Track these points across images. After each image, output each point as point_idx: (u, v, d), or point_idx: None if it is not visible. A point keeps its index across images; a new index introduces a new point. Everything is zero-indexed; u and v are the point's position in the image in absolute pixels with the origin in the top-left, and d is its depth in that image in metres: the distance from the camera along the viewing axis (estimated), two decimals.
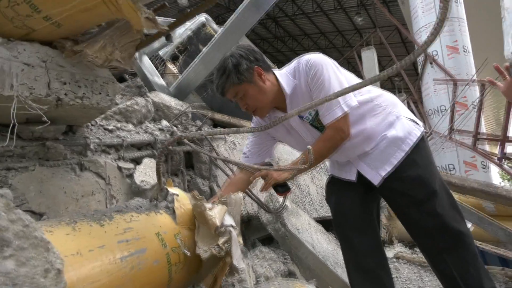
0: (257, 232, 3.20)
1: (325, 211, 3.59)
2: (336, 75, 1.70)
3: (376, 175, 1.77)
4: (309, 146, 1.44)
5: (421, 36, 7.79)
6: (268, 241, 3.10)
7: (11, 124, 1.15)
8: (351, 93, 1.72)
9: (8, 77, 1.29)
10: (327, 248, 2.40)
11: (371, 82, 1.00)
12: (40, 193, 1.53)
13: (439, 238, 1.71)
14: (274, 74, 1.77)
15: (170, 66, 3.66)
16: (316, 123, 1.78)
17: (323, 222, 3.04)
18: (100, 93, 1.53)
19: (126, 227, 1.29)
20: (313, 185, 3.56)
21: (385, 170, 1.75)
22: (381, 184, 1.77)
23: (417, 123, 1.84)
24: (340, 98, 1.66)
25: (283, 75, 1.76)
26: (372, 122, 1.79)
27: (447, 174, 3.09)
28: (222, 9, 15.93)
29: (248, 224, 2.99)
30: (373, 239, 1.90)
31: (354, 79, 1.85)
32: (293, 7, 17.65)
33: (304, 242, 2.29)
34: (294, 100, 1.75)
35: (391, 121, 1.80)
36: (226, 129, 1.13)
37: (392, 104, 1.86)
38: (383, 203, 4.10)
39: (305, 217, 2.63)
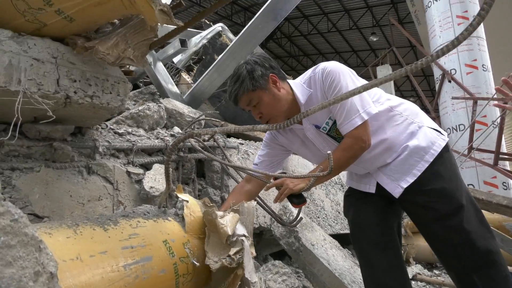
0: (269, 247, 3.08)
1: (340, 227, 3.45)
2: (354, 82, 1.63)
3: (396, 187, 1.66)
4: (329, 152, 1.35)
5: None
6: (280, 257, 2.97)
7: (15, 119, 1.09)
8: (371, 101, 1.64)
9: (16, 71, 1.25)
10: (343, 265, 2.27)
11: (381, 82, 0.92)
12: (45, 195, 1.46)
13: (467, 256, 1.58)
14: (289, 84, 1.71)
15: (185, 76, 3.63)
16: (334, 133, 1.70)
17: (338, 238, 2.90)
18: (110, 93, 1.47)
19: (132, 232, 1.21)
20: (327, 200, 3.43)
21: (407, 181, 1.64)
22: (403, 197, 1.66)
23: (441, 133, 1.74)
24: (359, 107, 1.58)
25: (298, 84, 1.70)
26: (392, 132, 1.70)
27: (473, 189, 2.94)
28: (238, 27, 16.13)
29: (259, 238, 2.87)
30: (394, 255, 1.77)
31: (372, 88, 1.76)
32: (308, 25, 17.79)
33: (319, 258, 2.16)
34: None
35: (413, 130, 1.70)
36: (241, 126, 1.05)
37: (414, 114, 1.76)
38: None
39: (320, 232, 2.50)
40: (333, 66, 1.63)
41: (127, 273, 1.07)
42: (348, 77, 1.61)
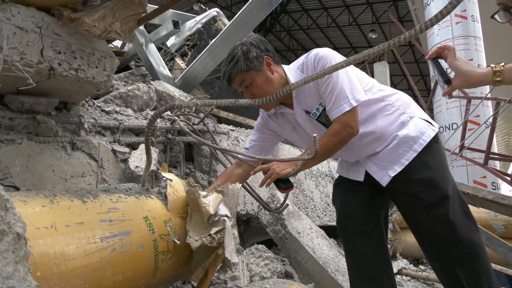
0: (257, 235, 3.07)
1: (329, 219, 3.46)
2: (345, 70, 1.62)
3: (384, 176, 1.66)
4: (315, 135, 1.34)
5: None
6: (268, 246, 2.97)
7: None
8: (361, 89, 1.64)
9: None
10: (328, 254, 2.27)
11: (364, 57, 0.89)
12: (26, 168, 1.44)
13: (450, 247, 1.58)
14: (283, 68, 1.71)
15: (179, 61, 3.60)
16: (323, 119, 1.69)
17: (327, 230, 2.90)
18: (96, 67, 1.44)
19: (111, 207, 1.19)
20: (317, 191, 3.44)
21: (395, 170, 1.64)
22: (390, 186, 1.66)
23: (432, 124, 1.74)
24: (348, 93, 1.58)
25: (291, 69, 1.71)
26: (383, 121, 1.70)
27: (460, 183, 2.94)
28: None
29: (247, 226, 2.87)
30: (379, 245, 1.77)
31: (365, 76, 1.76)
32: (307, 20, 17.70)
33: (305, 246, 2.16)
34: (300, 95, 1.67)
35: (404, 121, 1.70)
36: (223, 100, 1.03)
37: (406, 104, 1.76)
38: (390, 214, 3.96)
39: (307, 221, 2.50)
40: (325, 52, 1.63)
41: (103, 246, 1.06)
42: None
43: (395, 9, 15.56)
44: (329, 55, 1.61)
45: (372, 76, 11.28)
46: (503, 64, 1.19)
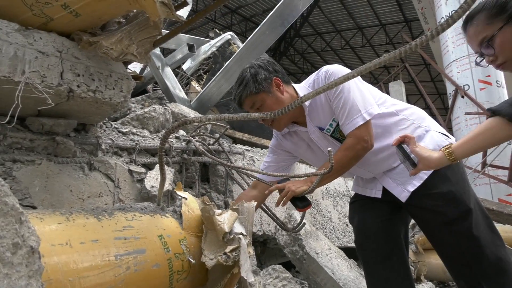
0: (274, 257, 3.02)
1: (348, 240, 3.37)
2: (357, 85, 1.63)
3: (403, 191, 1.63)
4: (329, 149, 1.33)
5: (451, 71, 7.61)
6: (286, 269, 2.91)
7: (14, 105, 1.10)
8: (374, 103, 1.63)
9: (21, 63, 1.27)
10: (348, 275, 2.20)
11: (375, 65, 0.88)
12: (45, 188, 1.46)
13: (476, 264, 1.52)
14: (293, 87, 1.73)
15: (195, 84, 3.67)
16: (337, 135, 1.69)
17: (345, 251, 2.83)
18: (113, 88, 1.48)
19: (126, 225, 1.19)
20: (335, 211, 3.37)
21: (413, 185, 1.60)
22: (409, 202, 1.62)
23: (448, 137, 1.71)
24: (361, 107, 1.58)
25: (303, 88, 1.73)
26: (398, 135, 1.67)
27: (483, 199, 2.84)
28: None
29: (264, 247, 2.82)
30: (400, 264, 1.71)
31: (377, 92, 1.76)
32: (321, 43, 17.92)
33: (324, 266, 2.10)
34: (313, 112, 1.68)
35: (420, 134, 1.68)
36: (234, 114, 1.04)
37: (421, 118, 1.74)
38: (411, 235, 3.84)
39: (325, 241, 2.45)
40: (336, 68, 1.64)
41: (118, 263, 1.05)
42: (351, 80, 1.61)
43: (409, 29, 15.61)
44: (339, 72, 1.62)
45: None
46: (449, 144, 1.37)
